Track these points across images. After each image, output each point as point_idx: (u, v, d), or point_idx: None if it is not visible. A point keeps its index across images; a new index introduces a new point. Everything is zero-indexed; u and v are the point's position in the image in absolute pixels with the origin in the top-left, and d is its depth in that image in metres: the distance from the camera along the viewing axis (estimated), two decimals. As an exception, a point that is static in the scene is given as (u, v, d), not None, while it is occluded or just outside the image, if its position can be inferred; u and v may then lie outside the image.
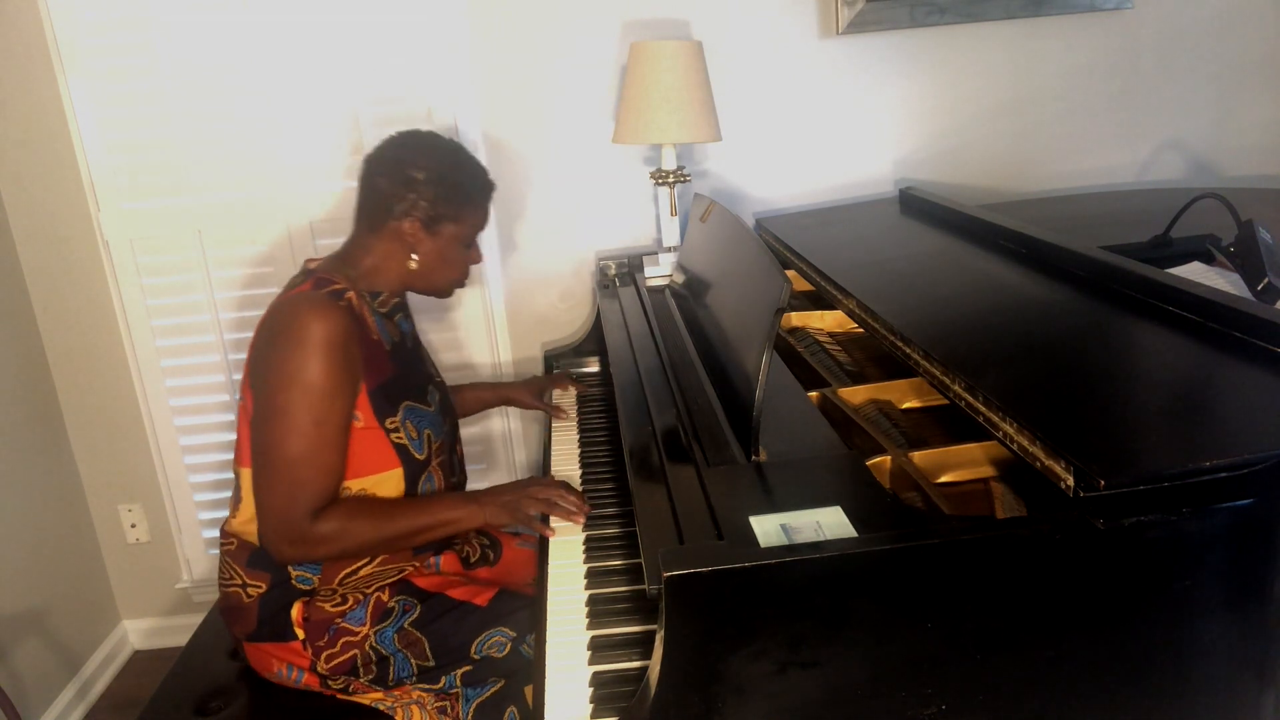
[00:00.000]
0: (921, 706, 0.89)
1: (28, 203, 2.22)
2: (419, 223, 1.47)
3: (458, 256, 1.53)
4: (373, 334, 1.45)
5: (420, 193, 1.45)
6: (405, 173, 1.46)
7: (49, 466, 2.32)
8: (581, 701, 1.04)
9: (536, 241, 2.32)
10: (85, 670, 2.36)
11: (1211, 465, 0.89)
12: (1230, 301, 1.18)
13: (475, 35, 2.17)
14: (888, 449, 1.21)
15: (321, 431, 1.35)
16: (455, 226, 1.50)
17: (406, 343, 1.56)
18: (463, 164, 1.52)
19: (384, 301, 1.51)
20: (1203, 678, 0.92)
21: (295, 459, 1.34)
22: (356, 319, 1.41)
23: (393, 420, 1.44)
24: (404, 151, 1.48)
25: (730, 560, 0.87)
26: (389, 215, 1.47)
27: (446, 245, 1.50)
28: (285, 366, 1.34)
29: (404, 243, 1.48)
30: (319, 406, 1.34)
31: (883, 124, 2.29)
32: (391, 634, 1.44)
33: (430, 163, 1.47)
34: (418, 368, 1.57)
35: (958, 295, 1.50)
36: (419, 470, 1.48)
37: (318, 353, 1.33)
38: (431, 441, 1.50)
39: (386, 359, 1.46)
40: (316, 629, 1.43)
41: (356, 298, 1.44)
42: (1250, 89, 2.31)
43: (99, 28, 2.11)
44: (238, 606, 1.47)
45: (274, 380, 1.35)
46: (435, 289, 1.55)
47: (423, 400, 1.52)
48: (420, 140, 1.51)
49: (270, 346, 1.38)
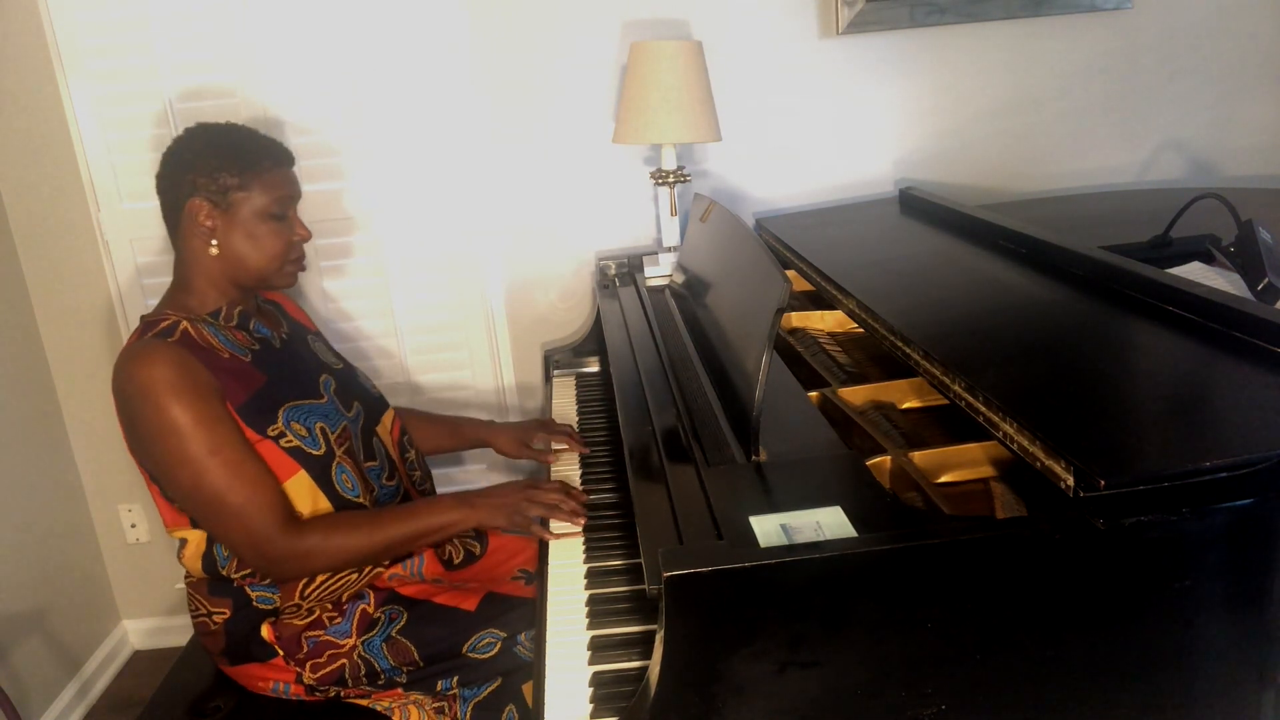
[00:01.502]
0: (921, 706, 0.89)
1: (28, 203, 2.22)
2: (206, 200, 1.39)
3: (266, 230, 1.42)
4: (222, 353, 1.39)
5: (197, 169, 1.39)
6: (180, 156, 1.41)
7: (49, 467, 2.32)
8: (581, 701, 1.04)
9: (536, 241, 2.32)
10: (85, 670, 2.36)
11: (1211, 465, 0.88)
12: (1230, 301, 1.18)
13: (475, 35, 2.17)
14: (888, 449, 1.21)
15: (222, 456, 1.31)
16: (246, 195, 1.40)
17: (272, 345, 1.49)
18: (240, 134, 1.44)
19: (227, 316, 1.45)
20: (1203, 678, 0.92)
21: (219, 494, 1.31)
22: (195, 346, 1.36)
23: (274, 428, 1.39)
24: (175, 144, 1.44)
25: (730, 560, 0.87)
26: (177, 206, 1.41)
27: (247, 220, 1.41)
28: (150, 424, 1.31)
29: (200, 229, 1.40)
30: (202, 438, 1.30)
31: (883, 124, 2.29)
32: (379, 643, 1.42)
33: (201, 140, 1.42)
34: (299, 365, 1.51)
35: (958, 295, 1.49)
36: (324, 466, 1.42)
37: (168, 396, 1.29)
38: (328, 434, 1.44)
39: (250, 370, 1.41)
40: (291, 643, 1.42)
41: (191, 325, 1.39)
42: (1250, 89, 2.31)
43: (99, 28, 2.11)
44: (208, 633, 1.47)
45: (152, 442, 1.32)
46: (259, 274, 1.45)
47: (310, 395, 1.47)
48: (190, 129, 1.45)
49: (126, 412, 1.34)
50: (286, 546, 1.34)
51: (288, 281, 1.50)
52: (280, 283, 1.49)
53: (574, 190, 2.29)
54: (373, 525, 1.39)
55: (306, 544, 1.34)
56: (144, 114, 2.17)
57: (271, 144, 1.47)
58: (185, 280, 1.45)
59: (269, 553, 1.34)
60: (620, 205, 2.31)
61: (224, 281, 1.44)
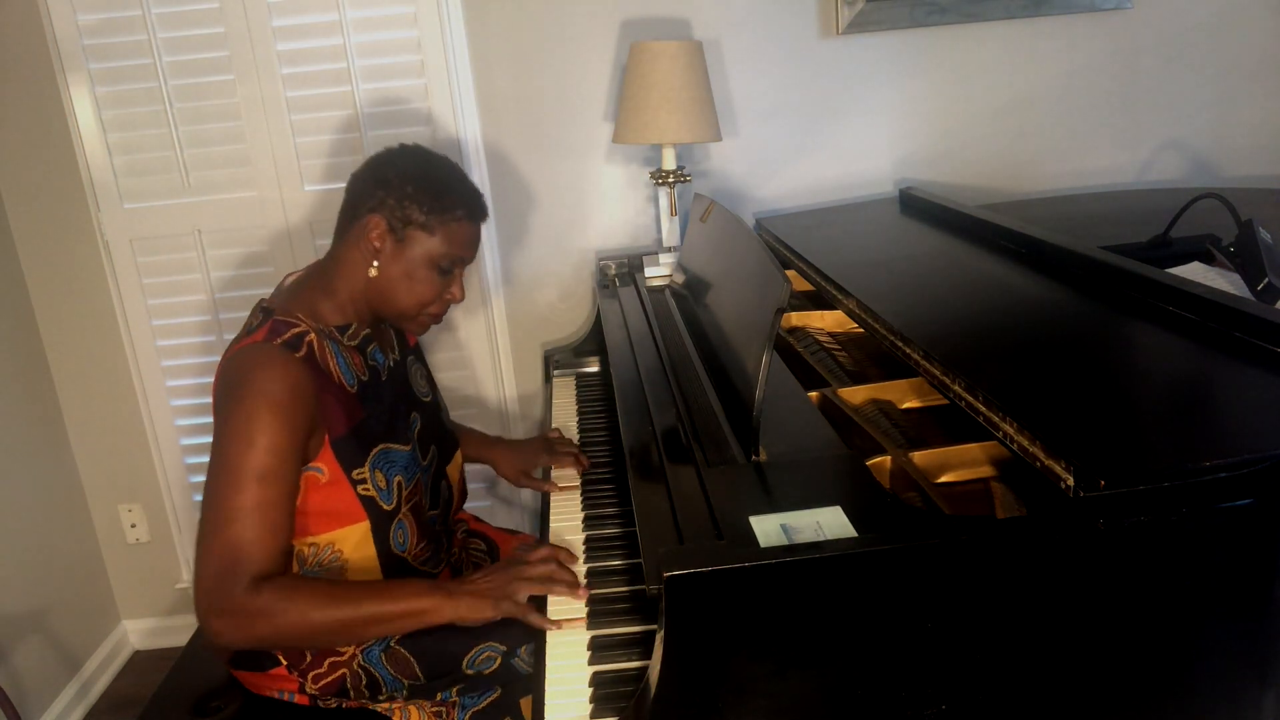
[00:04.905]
0: (921, 706, 0.89)
1: (28, 203, 2.22)
2: (385, 223, 1.34)
3: (425, 277, 1.37)
4: (335, 379, 1.33)
5: (390, 189, 1.34)
6: (380, 171, 1.36)
7: (49, 467, 2.32)
8: (581, 701, 1.04)
9: (536, 241, 2.32)
10: (85, 670, 2.36)
11: (1212, 465, 0.89)
12: (1230, 301, 1.18)
13: (475, 35, 2.17)
14: (888, 449, 1.21)
15: (266, 489, 1.22)
16: (426, 237, 1.35)
17: (380, 376, 1.42)
18: (449, 172, 1.39)
19: (353, 334, 1.39)
20: (1203, 677, 0.92)
21: (237, 514, 1.21)
22: (315, 366, 1.30)
23: (360, 471, 1.33)
24: (386, 154, 1.40)
25: (730, 560, 0.87)
26: (356, 215, 1.37)
27: (413, 259, 1.36)
28: (233, 420, 1.24)
29: (367, 245, 1.35)
30: (265, 462, 1.22)
31: (883, 124, 2.29)
32: (378, 652, 1.38)
33: (409, 163, 1.37)
34: (396, 402, 1.44)
35: (958, 295, 1.49)
36: (387, 521, 1.36)
37: (267, 409, 1.23)
38: (402, 489, 1.39)
39: (355, 403, 1.35)
40: (295, 654, 1.38)
41: (318, 339, 1.32)
42: (1250, 89, 2.31)
43: (99, 28, 2.12)
44: None
45: (223, 435, 1.25)
46: (399, 310, 1.39)
47: (399, 438, 1.40)
48: (408, 147, 1.41)
49: (223, 401, 1.28)
50: (243, 601, 1.20)
51: (417, 331, 1.46)
52: (410, 329, 1.46)
53: (574, 190, 2.29)
54: (336, 596, 1.25)
55: (260, 602, 1.20)
56: (144, 114, 2.17)
57: (473, 195, 1.41)
58: (329, 285, 1.39)
59: (220, 600, 1.20)
60: (620, 205, 2.31)
61: (363, 303, 1.40)
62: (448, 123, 2.21)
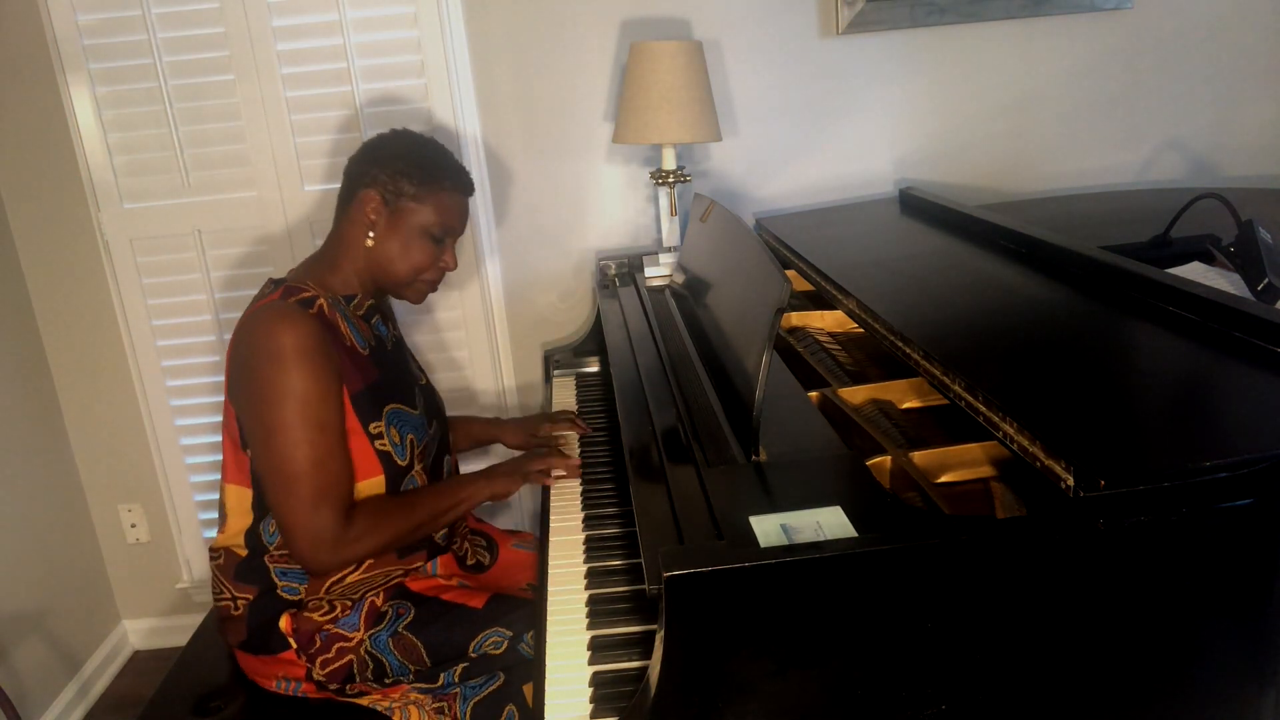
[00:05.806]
0: (921, 706, 0.89)
1: (28, 202, 2.22)
2: (379, 196, 1.45)
3: (420, 246, 1.48)
4: (347, 340, 1.43)
5: (383, 166, 1.45)
6: (373, 152, 1.48)
7: (49, 467, 2.32)
8: (581, 701, 1.04)
9: (536, 241, 2.32)
10: (85, 670, 2.36)
11: (1212, 465, 0.89)
12: (1230, 301, 1.18)
13: (475, 35, 2.17)
14: (888, 449, 1.21)
15: (326, 436, 1.34)
16: (417, 208, 1.46)
17: (385, 345, 1.53)
18: (436, 150, 1.51)
19: (358, 304, 1.49)
20: (1203, 677, 0.92)
21: (309, 469, 1.33)
22: (329, 326, 1.40)
23: (376, 425, 1.43)
24: (378, 137, 1.51)
25: (730, 560, 0.87)
26: (353, 192, 1.47)
27: (408, 230, 1.47)
28: (270, 383, 1.32)
29: (364, 218, 1.46)
30: (316, 412, 1.33)
31: (883, 124, 2.29)
32: (386, 638, 1.43)
33: (400, 143, 1.49)
34: (401, 371, 1.55)
35: (958, 295, 1.49)
36: (400, 475, 1.46)
37: (297, 362, 1.31)
38: (414, 446, 1.49)
39: (368, 363, 1.45)
40: (306, 638, 1.43)
41: (328, 305, 1.42)
42: (1250, 89, 2.31)
43: (99, 28, 2.11)
44: (228, 618, 1.47)
45: (262, 399, 1.33)
46: (396, 279, 1.49)
47: (408, 403, 1.50)
48: (398, 131, 1.53)
49: (248, 364, 1.35)
50: (344, 533, 1.35)
51: (415, 299, 1.55)
52: (409, 297, 1.54)
53: (574, 190, 2.29)
54: (408, 505, 1.43)
55: (357, 530, 1.36)
56: (144, 114, 2.17)
57: (459, 170, 1.52)
58: (333, 259, 1.49)
59: (326, 541, 1.34)
60: (620, 205, 2.31)
61: (366, 274, 1.50)
62: (448, 123, 2.21)
